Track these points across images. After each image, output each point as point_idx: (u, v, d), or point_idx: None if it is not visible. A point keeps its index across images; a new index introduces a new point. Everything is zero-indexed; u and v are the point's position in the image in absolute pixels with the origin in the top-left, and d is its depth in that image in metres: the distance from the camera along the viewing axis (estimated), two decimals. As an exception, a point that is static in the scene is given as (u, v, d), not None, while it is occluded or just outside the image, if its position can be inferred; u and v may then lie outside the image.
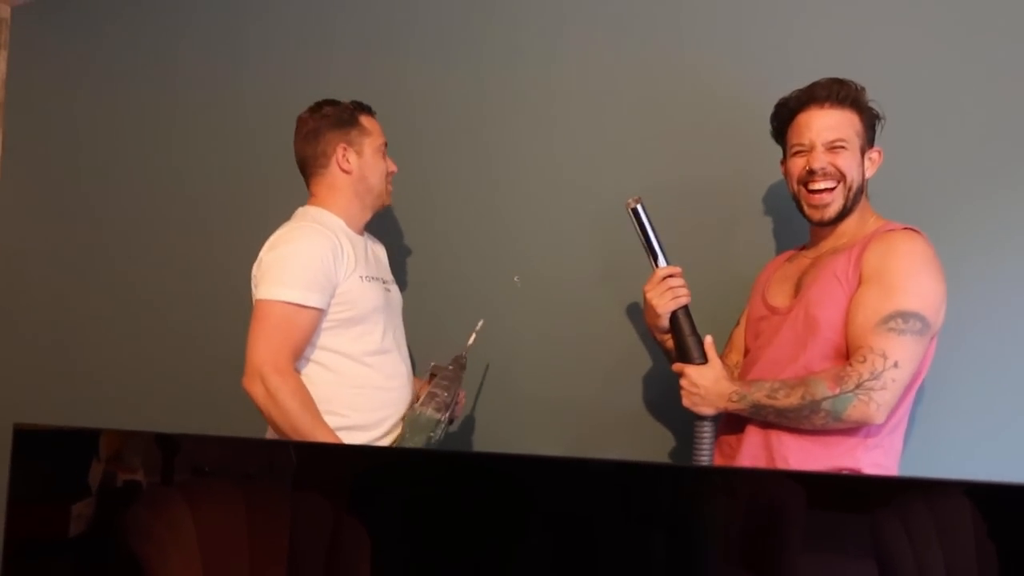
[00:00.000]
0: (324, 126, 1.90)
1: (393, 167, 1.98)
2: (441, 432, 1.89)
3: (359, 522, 1.12)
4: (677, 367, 1.66)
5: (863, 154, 1.62)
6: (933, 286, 1.51)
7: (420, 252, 2.38)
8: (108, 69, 3.06)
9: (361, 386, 1.83)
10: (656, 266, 1.69)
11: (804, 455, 1.53)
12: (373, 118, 1.96)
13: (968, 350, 1.73)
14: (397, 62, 2.45)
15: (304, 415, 1.71)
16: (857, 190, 1.61)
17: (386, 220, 2.09)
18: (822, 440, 1.53)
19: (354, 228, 1.92)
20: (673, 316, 1.67)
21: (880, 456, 1.53)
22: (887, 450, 1.54)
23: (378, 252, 2.02)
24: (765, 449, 1.57)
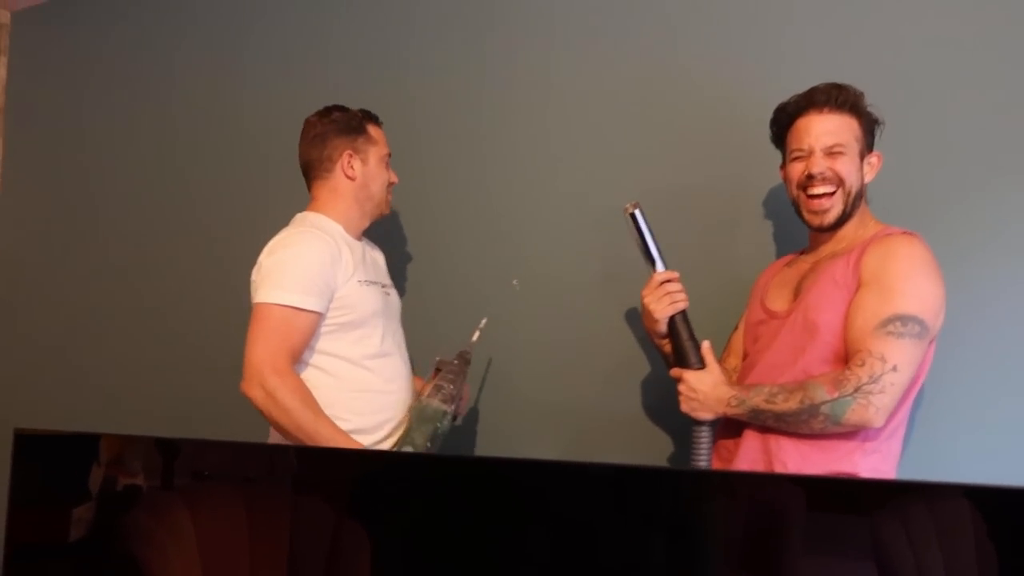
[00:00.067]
0: (332, 131, 1.91)
1: (394, 178, 1.99)
2: (447, 424, 1.88)
3: (359, 526, 1.12)
4: (675, 372, 1.66)
5: (862, 159, 1.62)
6: (932, 289, 1.51)
7: (420, 256, 2.39)
8: (108, 74, 3.07)
9: (361, 390, 1.83)
10: (654, 271, 1.69)
11: (802, 459, 1.53)
12: (380, 128, 1.97)
13: (966, 354, 1.73)
14: (397, 66, 2.45)
15: (305, 411, 1.71)
16: (856, 195, 1.61)
17: (386, 224, 2.10)
18: (820, 444, 1.53)
19: (352, 234, 1.92)
20: (671, 321, 1.67)
21: (878, 461, 1.53)
22: (885, 455, 1.54)
23: (376, 257, 2.03)
24: (763, 453, 1.57)
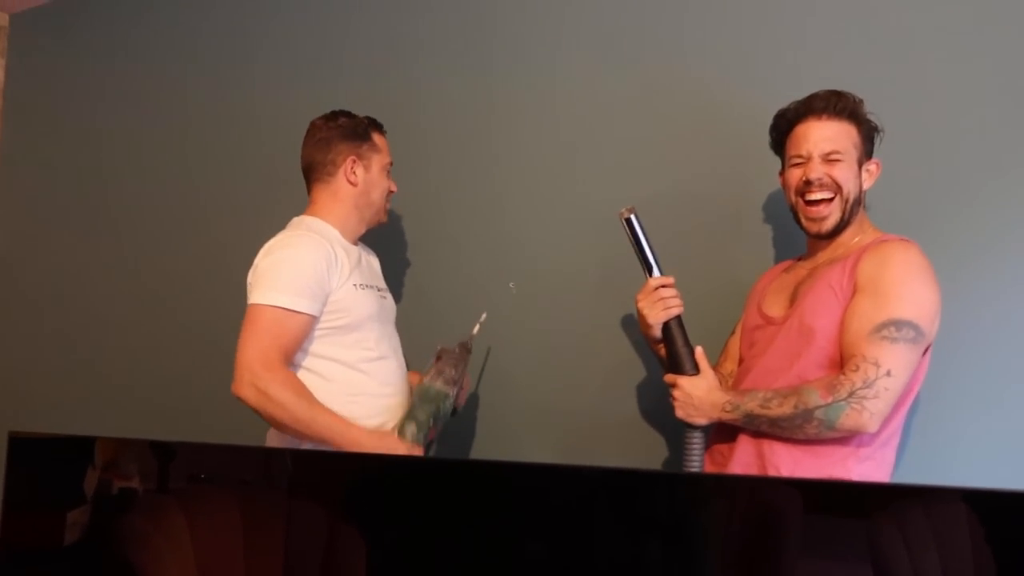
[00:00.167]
0: (336, 136, 1.91)
1: (394, 187, 2.00)
2: (449, 406, 1.88)
3: (355, 529, 1.12)
4: (669, 378, 1.66)
5: (860, 166, 1.62)
6: (927, 295, 1.51)
7: (417, 259, 2.39)
8: (107, 76, 3.07)
9: (356, 393, 1.82)
10: (649, 276, 1.69)
11: (795, 465, 1.53)
12: (384, 137, 1.98)
13: (962, 361, 1.72)
14: (400, 70, 2.45)
15: (300, 402, 1.70)
16: (854, 202, 1.61)
17: (387, 226, 2.10)
18: (813, 450, 1.53)
19: (348, 239, 1.92)
20: (665, 326, 1.67)
21: (872, 468, 1.52)
22: (879, 463, 1.54)
23: (372, 261, 2.03)
24: (757, 458, 1.57)
